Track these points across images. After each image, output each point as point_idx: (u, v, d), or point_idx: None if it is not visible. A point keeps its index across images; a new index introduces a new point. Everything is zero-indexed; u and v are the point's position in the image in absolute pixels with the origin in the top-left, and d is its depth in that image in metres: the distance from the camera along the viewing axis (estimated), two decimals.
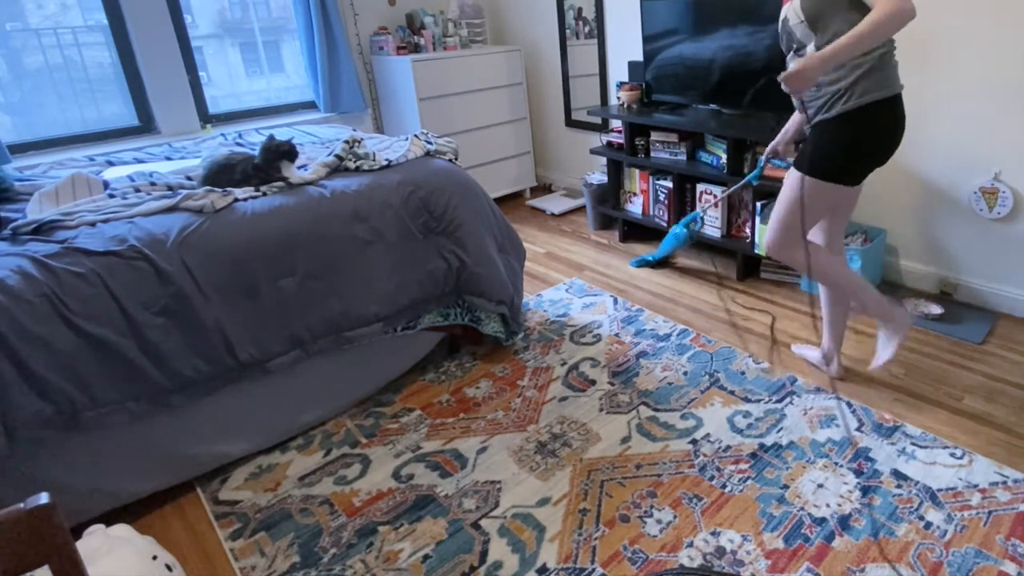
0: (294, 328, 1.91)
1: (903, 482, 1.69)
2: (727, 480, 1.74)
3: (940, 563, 1.45)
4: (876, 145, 1.73)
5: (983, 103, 2.35)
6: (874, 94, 1.66)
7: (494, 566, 1.53)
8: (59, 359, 1.55)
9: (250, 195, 1.96)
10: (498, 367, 2.37)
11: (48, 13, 3.01)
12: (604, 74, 3.88)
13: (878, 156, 1.75)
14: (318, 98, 3.80)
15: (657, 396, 2.13)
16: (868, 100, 1.66)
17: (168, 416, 1.76)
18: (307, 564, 1.58)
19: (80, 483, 1.65)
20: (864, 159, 1.75)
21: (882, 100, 1.67)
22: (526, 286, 3.02)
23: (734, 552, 1.52)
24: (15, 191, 2.19)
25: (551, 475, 1.81)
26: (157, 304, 1.68)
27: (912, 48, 2.47)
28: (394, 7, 4.01)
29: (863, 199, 2.80)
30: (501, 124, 4.13)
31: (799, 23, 1.70)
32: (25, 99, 3.01)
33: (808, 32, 1.69)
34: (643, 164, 3.30)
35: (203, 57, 3.52)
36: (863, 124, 1.69)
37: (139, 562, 1.34)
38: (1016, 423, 1.89)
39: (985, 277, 2.55)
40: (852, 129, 1.70)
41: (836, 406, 2.00)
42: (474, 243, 2.24)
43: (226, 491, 1.85)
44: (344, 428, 2.09)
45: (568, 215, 4.07)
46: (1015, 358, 2.21)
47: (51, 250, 1.63)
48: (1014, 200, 2.36)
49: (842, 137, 1.71)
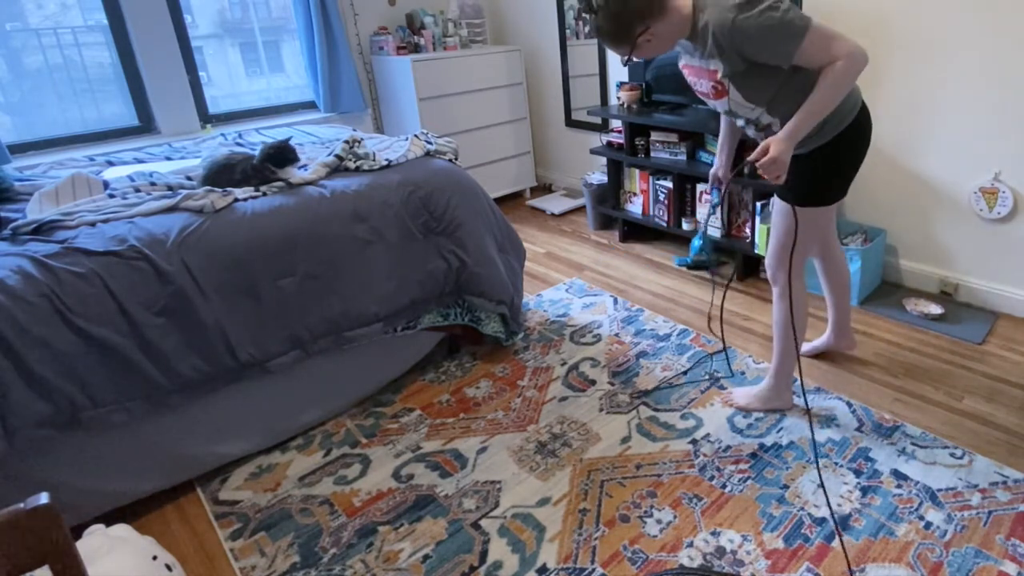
0: (294, 328, 1.91)
1: (903, 482, 1.69)
2: (727, 480, 1.74)
3: (940, 563, 1.45)
4: (854, 161, 1.73)
5: (983, 103, 2.35)
6: (842, 124, 1.64)
7: (494, 566, 1.53)
8: (59, 359, 1.55)
9: (250, 195, 1.96)
10: (498, 367, 2.37)
11: (48, 13, 3.01)
12: (604, 74, 3.88)
13: (857, 167, 1.76)
14: (318, 98, 3.80)
15: (657, 396, 2.13)
16: (839, 130, 1.64)
17: (168, 416, 1.76)
18: (307, 564, 1.58)
19: (80, 483, 1.65)
20: (845, 177, 1.75)
21: (856, 120, 1.65)
22: (526, 286, 3.02)
23: (734, 552, 1.52)
24: (15, 191, 2.19)
25: (551, 475, 1.81)
26: (157, 304, 1.68)
27: (912, 48, 2.47)
28: (394, 7, 4.01)
29: (863, 199, 2.80)
30: (501, 124, 4.13)
31: (751, 109, 1.65)
32: (25, 99, 3.01)
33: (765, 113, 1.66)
34: (643, 164, 3.30)
35: (203, 57, 3.52)
36: (840, 149, 1.68)
37: (139, 562, 1.34)
38: (1016, 423, 1.89)
39: (985, 277, 2.54)
40: (831, 156, 1.69)
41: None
42: (474, 243, 2.24)
43: (226, 491, 1.85)
44: (344, 428, 2.09)
45: (568, 215, 4.07)
46: (1015, 358, 2.21)
47: (51, 250, 1.62)
48: (1014, 200, 2.36)
49: (822, 166, 1.70)
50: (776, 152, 1.53)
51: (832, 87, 1.48)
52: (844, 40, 1.46)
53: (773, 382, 1.99)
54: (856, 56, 1.46)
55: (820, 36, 1.46)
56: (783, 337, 1.92)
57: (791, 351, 1.91)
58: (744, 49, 1.50)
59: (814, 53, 1.47)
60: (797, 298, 1.87)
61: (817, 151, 1.68)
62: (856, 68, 1.47)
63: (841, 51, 1.45)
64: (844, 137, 1.66)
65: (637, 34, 1.54)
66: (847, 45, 1.45)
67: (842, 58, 1.46)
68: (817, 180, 1.73)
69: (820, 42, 1.46)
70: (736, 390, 2.09)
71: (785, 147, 1.53)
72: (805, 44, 1.46)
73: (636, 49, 1.58)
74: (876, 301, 2.65)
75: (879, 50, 2.56)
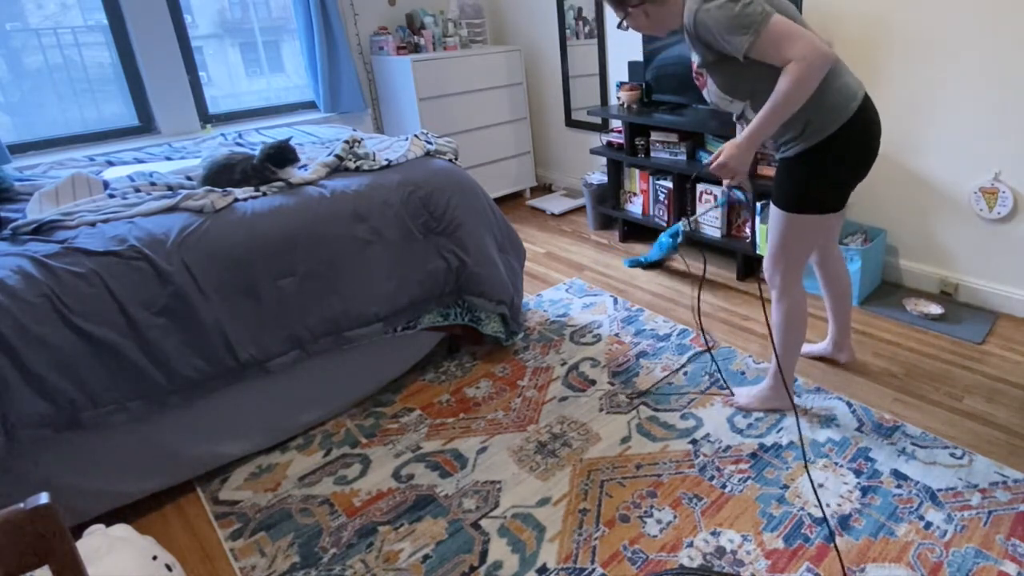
0: (294, 328, 1.91)
1: (903, 482, 1.69)
2: (727, 480, 1.74)
3: (940, 563, 1.45)
4: (847, 169, 1.64)
5: (983, 103, 2.35)
6: (830, 128, 1.56)
7: (494, 566, 1.53)
8: (59, 359, 1.55)
9: (250, 195, 1.96)
10: (498, 367, 2.37)
11: (48, 13, 3.01)
12: (604, 74, 3.88)
13: (854, 176, 1.67)
14: (318, 98, 3.80)
15: (657, 396, 2.13)
16: (827, 133, 1.57)
17: (168, 416, 1.76)
18: (307, 564, 1.58)
19: (80, 483, 1.65)
20: (838, 185, 1.66)
21: (840, 128, 1.56)
22: (526, 286, 3.02)
23: (734, 552, 1.52)
24: (15, 191, 2.19)
25: (551, 475, 1.81)
26: (157, 304, 1.68)
27: (913, 48, 2.47)
28: (394, 7, 4.01)
29: (863, 199, 2.80)
30: (501, 124, 4.13)
31: (729, 102, 1.66)
32: (25, 99, 3.01)
33: (741, 104, 1.65)
34: (643, 164, 3.30)
35: (203, 57, 3.52)
36: (828, 155, 1.60)
37: (139, 562, 1.34)
38: (1016, 423, 1.89)
39: (985, 277, 2.54)
40: (818, 162, 1.61)
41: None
42: (474, 243, 2.24)
43: (226, 491, 1.85)
44: (344, 428, 2.09)
45: (568, 215, 4.07)
46: (1015, 358, 2.21)
47: (51, 250, 1.62)
48: (1014, 200, 2.36)
49: (807, 172, 1.63)
50: (726, 156, 1.56)
51: (783, 91, 1.45)
52: (803, 41, 1.42)
53: (772, 383, 1.98)
54: (810, 59, 1.41)
55: (777, 34, 1.44)
56: (781, 340, 1.87)
57: (789, 354, 1.89)
58: (706, 39, 1.53)
59: (766, 50, 1.46)
60: (792, 306, 1.82)
61: (803, 155, 1.61)
62: (809, 72, 1.42)
63: (795, 52, 1.42)
64: (834, 142, 1.57)
65: (631, 4, 1.61)
66: (803, 47, 1.42)
67: (795, 60, 1.43)
68: (802, 186, 1.65)
69: (775, 40, 1.44)
70: (737, 390, 2.09)
71: (738, 151, 1.55)
72: (758, 40, 1.45)
73: (628, 18, 1.66)
74: (876, 301, 2.65)
75: (879, 50, 2.56)
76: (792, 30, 1.44)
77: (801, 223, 1.70)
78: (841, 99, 1.57)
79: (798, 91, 1.45)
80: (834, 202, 1.69)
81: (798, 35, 1.43)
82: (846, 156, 1.62)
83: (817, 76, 1.44)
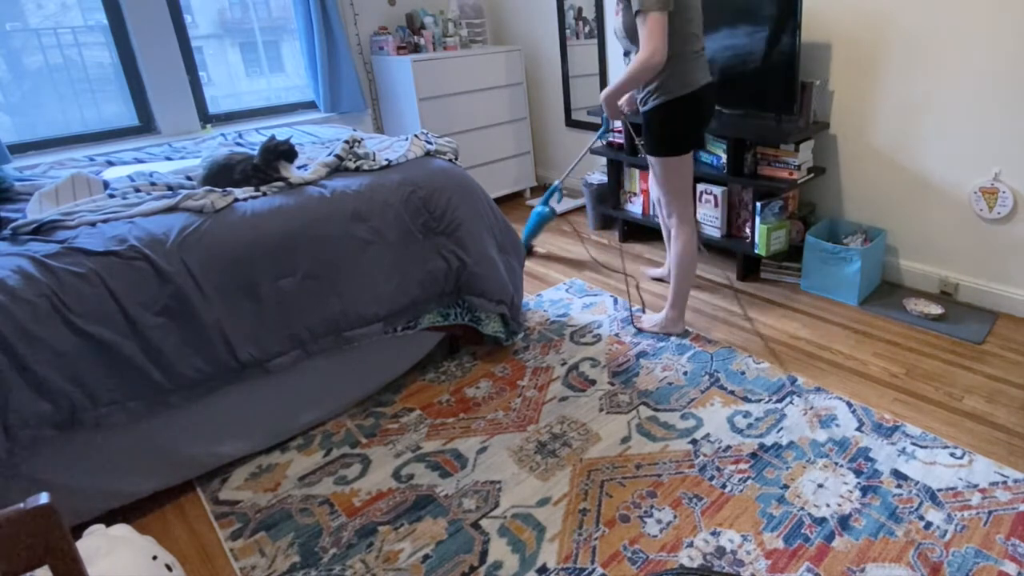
0: (294, 328, 1.91)
1: (903, 482, 1.69)
2: (727, 480, 1.74)
3: (940, 563, 1.45)
4: (685, 130, 2.19)
5: (983, 103, 2.35)
6: (676, 92, 2.10)
7: (494, 566, 1.53)
8: (59, 359, 1.55)
9: (250, 195, 1.96)
10: (498, 367, 2.37)
11: (48, 13, 3.01)
12: (604, 74, 3.88)
13: (691, 133, 2.21)
14: (318, 98, 3.80)
15: (657, 396, 2.13)
16: (671, 97, 2.10)
17: (168, 416, 1.76)
18: (307, 564, 1.58)
19: (80, 483, 1.65)
20: (685, 136, 2.20)
21: (681, 97, 2.10)
22: (526, 286, 3.02)
23: (734, 552, 1.52)
24: (15, 191, 2.19)
25: (551, 475, 1.81)
26: (157, 304, 1.68)
27: (913, 48, 2.47)
28: (394, 7, 4.01)
29: (863, 199, 2.80)
30: (501, 124, 4.13)
31: (623, 37, 2.12)
32: (25, 99, 3.01)
33: (629, 43, 2.11)
34: (643, 164, 3.30)
35: (203, 57, 3.52)
36: (669, 114, 2.14)
37: (139, 562, 1.34)
38: (1016, 423, 1.89)
39: (985, 277, 2.55)
40: (665, 117, 2.15)
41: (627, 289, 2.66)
42: (474, 243, 2.24)
43: (226, 491, 1.85)
44: (344, 428, 2.09)
45: (568, 215, 4.07)
46: (1015, 358, 2.21)
47: (51, 250, 1.62)
48: (1014, 200, 2.36)
49: (657, 123, 2.18)
50: (602, 96, 2.24)
51: (631, 66, 1.99)
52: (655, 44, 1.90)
53: (671, 312, 2.45)
54: (645, 59, 1.93)
55: (649, 26, 1.90)
56: (678, 273, 2.37)
57: (686, 280, 2.39)
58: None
59: (640, 27, 1.93)
60: (687, 240, 2.32)
61: (653, 110, 2.16)
62: (643, 66, 1.95)
63: (647, 46, 1.92)
64: (672, 106, 2.12)
65: None
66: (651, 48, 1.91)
67: (643, 50, 1.93)
68: (659, 135, 2.20)
69: (646, 28, 1.91)
70: (644, 316, 2.58)
71: (607, 94, 2.22)
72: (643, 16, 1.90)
73: None
74: (876, 301, 2.65)
75: (879, 50, 2.56)
76: (657, 31, 1.90)
77: (671, 164, 2.24)
78: (686, 80, 2.10)
79: (638, 72, 1.99)
80: (686, 145, 2.22)
81: (657, 39, 1.91)
82: (678, 118, 2.17)
83: (650, 70, 1.97)
